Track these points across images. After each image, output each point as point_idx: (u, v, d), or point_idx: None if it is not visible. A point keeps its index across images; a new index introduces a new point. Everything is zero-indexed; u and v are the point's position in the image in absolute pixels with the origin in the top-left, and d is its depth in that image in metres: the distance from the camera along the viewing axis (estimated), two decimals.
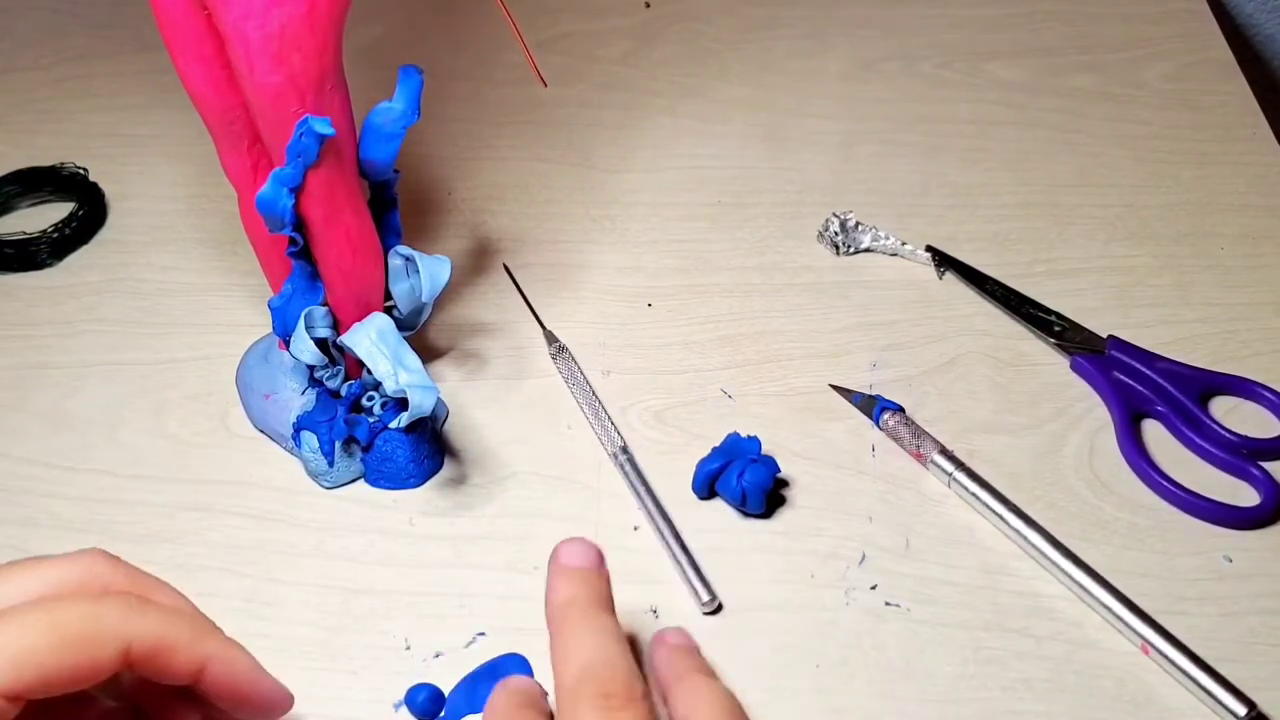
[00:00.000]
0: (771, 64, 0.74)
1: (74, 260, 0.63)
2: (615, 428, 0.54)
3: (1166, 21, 0.76)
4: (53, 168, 0.66)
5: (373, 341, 0.50)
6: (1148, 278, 0.61)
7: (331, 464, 0.53)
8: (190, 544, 0.52)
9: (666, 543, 0.50)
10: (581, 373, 0.56)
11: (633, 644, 0.48)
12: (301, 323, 0.51)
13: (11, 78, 0.74)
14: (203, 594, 0.50)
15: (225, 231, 0.64)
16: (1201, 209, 0.65)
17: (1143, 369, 0.56)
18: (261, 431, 0.55)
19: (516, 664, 0.47)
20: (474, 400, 0.56)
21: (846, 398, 0.56)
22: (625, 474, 0.53)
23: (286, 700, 0.39)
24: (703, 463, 0.52)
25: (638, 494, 0.52)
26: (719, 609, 0.49)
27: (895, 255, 0.63)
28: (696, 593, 0.49)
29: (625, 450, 0.53)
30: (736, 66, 0.74)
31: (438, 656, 0.48)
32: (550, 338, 0.58)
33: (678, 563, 0.50)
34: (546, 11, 0.78)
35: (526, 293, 0.61)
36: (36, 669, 0.33)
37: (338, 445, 0.52)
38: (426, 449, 0.53)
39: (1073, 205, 0.65)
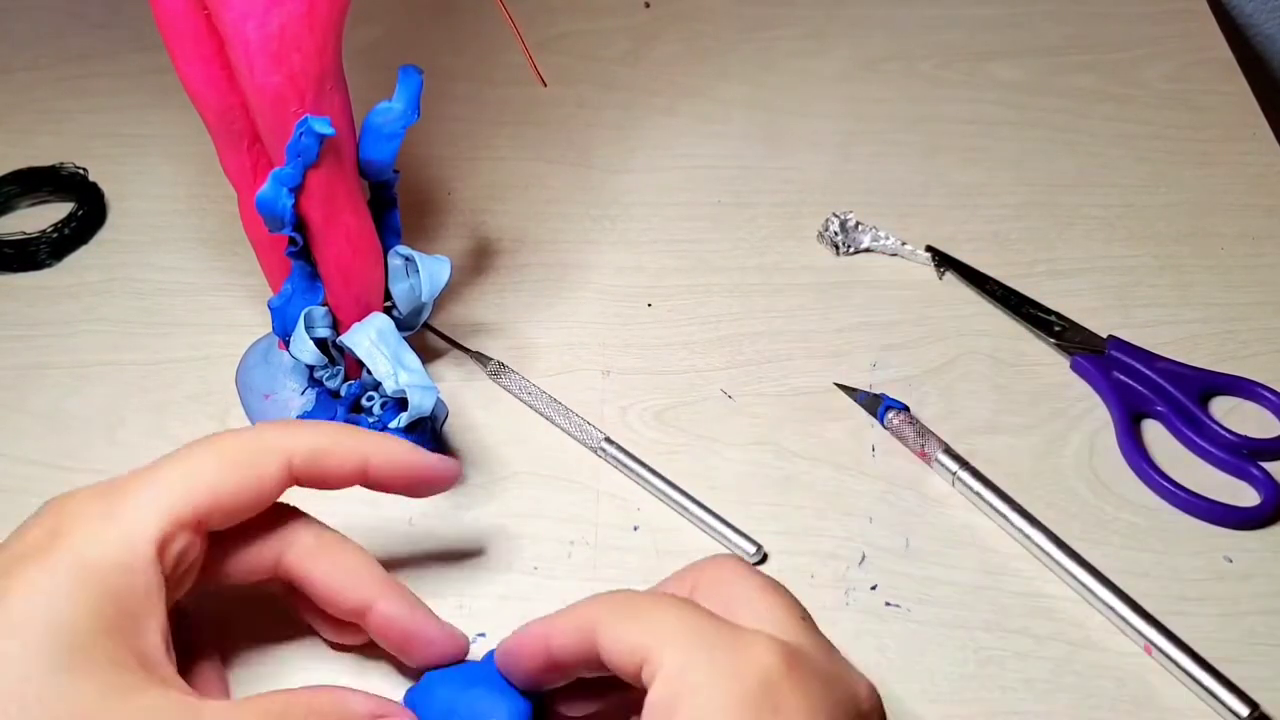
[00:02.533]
0: (771, 64, 0.74)
1: (74, 260, 0.63)
2: (589, 422, 0.54)
3: (1166, 21, 0.76)
4: (52, 168, 0.66)
5: (372, 341, 0.50)
6: (1148, 278, 0.61)
7: None
8: None
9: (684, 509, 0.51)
10: (532, 383, 0.56)
11: None
12: (301, 323, 0.51)
13: (11, 78, 0.74)
14: (203, 594, 0.50)
15: (225, 231, 0.64)
16: (1201, 209, 0.65)
17: (1143, 369, 0.56)
18: None
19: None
20: (474, 400, 0.56)
21: (851, 396, 0.56)
22: (619, 464, 0.53)
23: (453, 467, 0.44)
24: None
25: (639, 480, 0.52)
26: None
27: (895, 255, 0.63)
28: None
29: (610, 440, 0.53)
30: (736, 66, 0.74)
31: None
32: (482, 359, 0.57)
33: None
34: (546, 11, 0.78)
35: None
36: (209, 490, 0.37)
37: None
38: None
39: (1073, 205, 0.65)
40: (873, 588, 0.49)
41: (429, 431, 0.54)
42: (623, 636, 0.35)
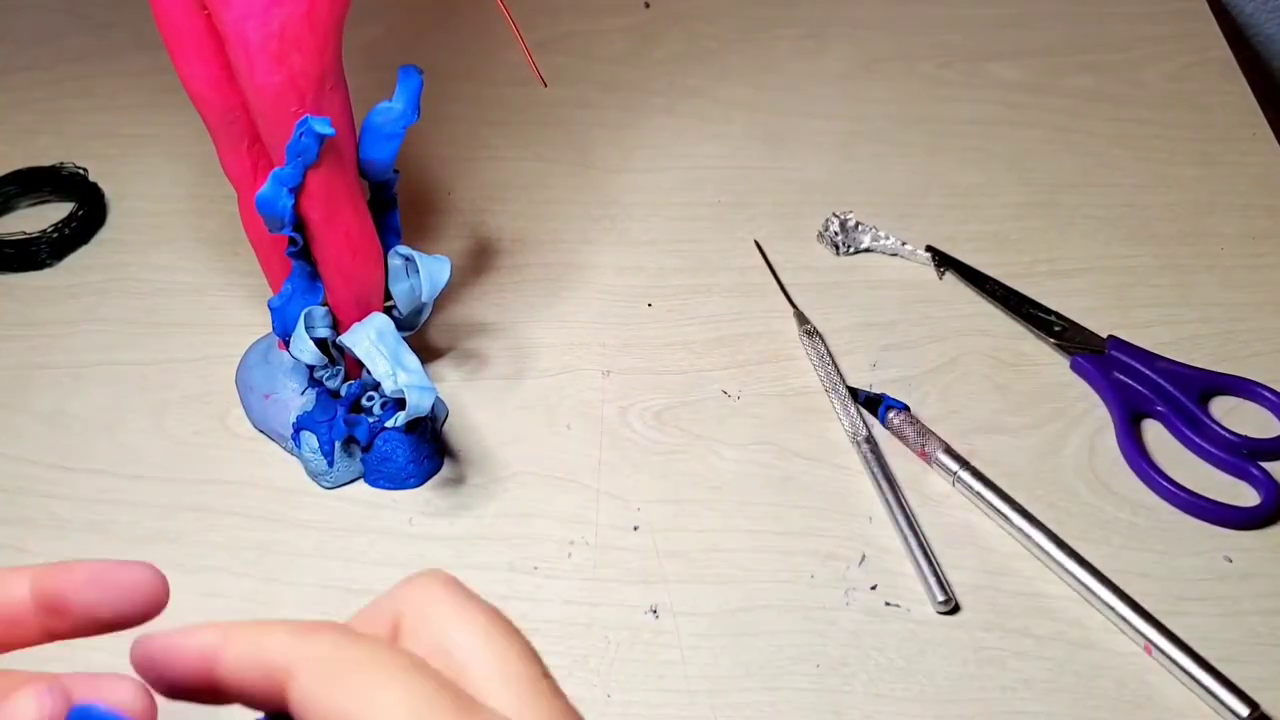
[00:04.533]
0: (771, 64, 0.74)
1: (74, 260, 0.63)
2: (861, 416, 0.55)
3: (1166, 21, 0.76)
4: (53, 168, 0.66)
5: (372, 341, 0.50)
6: (1148, 278, 0.61)
7: (331, 464, 0.53)
8: (190, 544, 0.52)
9: (904, 535, 0.51)
10: (832, 358, 0.57)
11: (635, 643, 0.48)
12: (301, 323, 0.51)
13: (11, 78, 0.74)
14: (203, 594, 0.50)
15: (225, 231, 0.64)
16: (1201, 209, 0.65)
17: (1143, 369, 0.56)
18: (261, 431, 0.55)
19: None
20: (473, 400, 0.56)
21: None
22: (866, 462, 0.53)
23: (151, 583, 0.31)
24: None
25: (878, 483, 0.52)
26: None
27: (895, 255, 0.63)
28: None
29: (869, 440, 0.54)
30: (736, 66, 0.74)
31: None
32: (801, 318, 0.58)
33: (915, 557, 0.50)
34: (546, 11, 0.78)
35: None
36: None
37: (337, 445, 0.52)
38: (426, 449, 0.53)
39: (1073, 205, 0.65)
40: (873, 588, 0.49)
41: (429, 432, 0.54)
42: (328, 705, 0.27)
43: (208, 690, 0.30)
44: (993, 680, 0.47)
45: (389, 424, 0.52)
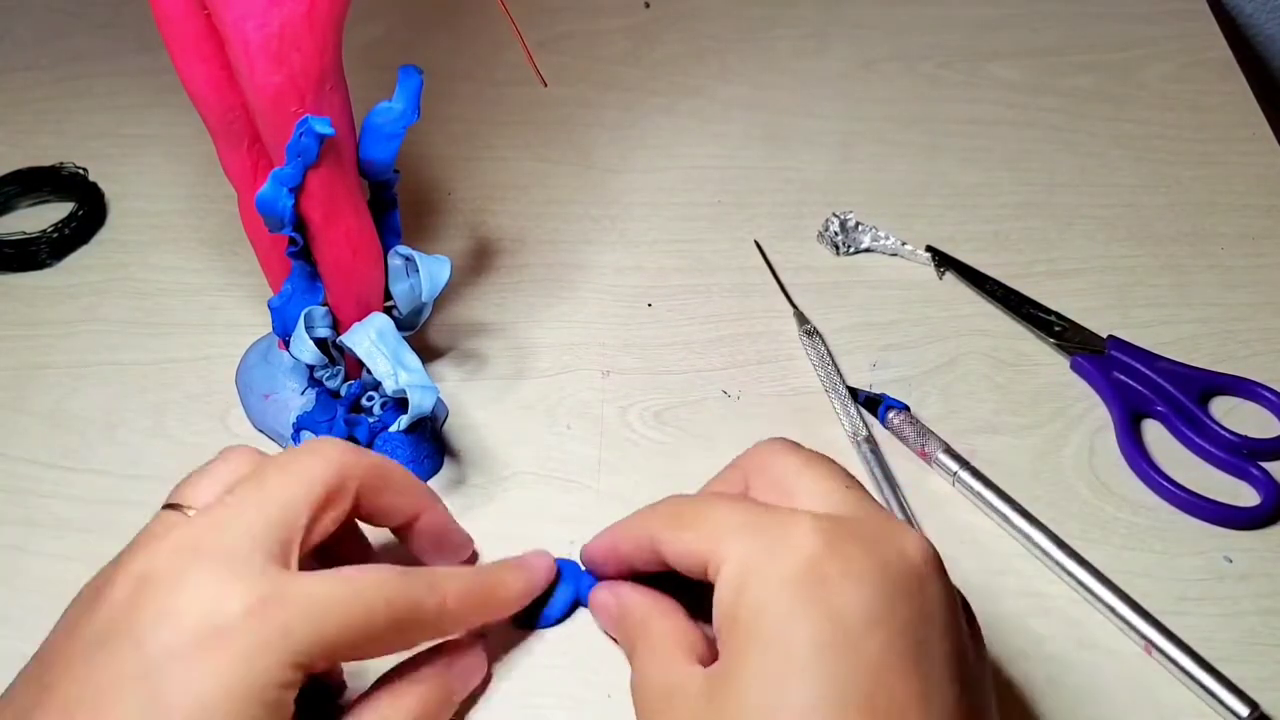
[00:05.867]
0: (771, 64, 0.74)
1: (74, 260, 0.63)
2: (861, 416, 0.55)
3: (1166, 21, 0.76)
4: (53, 168, 0.66)
5: (372, 341, 0.50)
6: (1148, 278, 0.61)
7: None
8: None
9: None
10: (832, 358, 0.57)
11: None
12: (301, 323, 0.51)
13: (11, 78, 0.74)
14: None
15: (225, 231, 0.64)
16: (1201, 209, 0.65)
17: (1143, 369, 0.56)
18: (261, 432, 0.55)
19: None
20: (474, 400, 0.56)
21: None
22: (866, 462, 0.53)
23: (470, 545, 0.49)
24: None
25: (878, 483, 0.52)
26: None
27: (895, 255, 0.63)
28: None
29: (869, 440, 0.54)
30: (736, 66, 0.74)
31: None
32: (801, 318, 0.58)
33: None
34: (546, 11, 0.78)
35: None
36: (312, 483, 0.40)
37: None
38: (426, 449, 0.53)
39: (1073, 205, 0.65)
40: None
41: (429, 432, 0.54)
42: (681, 546, 0.39)
43: (626, 570, 0.44)
44: (993, 680, 0.47)
45: (393, 428, 0.51)
